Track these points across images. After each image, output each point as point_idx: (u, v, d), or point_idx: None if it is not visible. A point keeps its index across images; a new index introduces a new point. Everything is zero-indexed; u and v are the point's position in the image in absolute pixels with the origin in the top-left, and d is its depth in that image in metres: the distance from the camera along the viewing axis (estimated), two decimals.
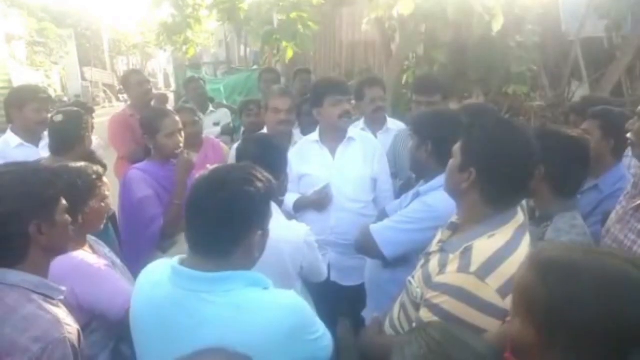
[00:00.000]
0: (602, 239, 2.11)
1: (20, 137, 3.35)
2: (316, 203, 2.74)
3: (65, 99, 16.82)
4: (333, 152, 2.85)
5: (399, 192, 2.86)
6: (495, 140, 1.49)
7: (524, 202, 1.98)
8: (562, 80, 5.40)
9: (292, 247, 1.98)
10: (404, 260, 2.15)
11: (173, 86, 18.91)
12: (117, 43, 29.28)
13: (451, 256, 1.48)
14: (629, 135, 2.12)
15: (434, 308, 1.43)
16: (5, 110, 3.60)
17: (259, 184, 1.39)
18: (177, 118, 2.75)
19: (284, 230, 2.00)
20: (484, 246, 1.44)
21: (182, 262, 1.39)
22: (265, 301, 1.36)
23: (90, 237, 2.13)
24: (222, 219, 1.33)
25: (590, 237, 1.89)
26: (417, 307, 1.55)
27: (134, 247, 2.58)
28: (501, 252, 1.42)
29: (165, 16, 5.58)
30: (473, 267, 1.39)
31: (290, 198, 2.74)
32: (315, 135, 2.92)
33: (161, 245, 2.50)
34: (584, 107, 2.98)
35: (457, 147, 1.58)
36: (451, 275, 1.43)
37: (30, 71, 16.57)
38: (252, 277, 1.39)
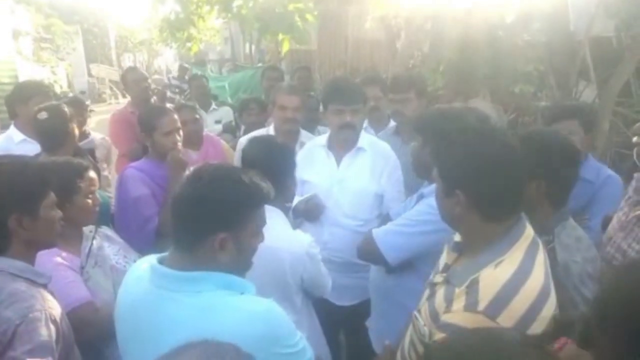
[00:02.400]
0: (604, 247, 2.05)
1: (23, 133, 3.33)
2: (306, 213, 2.58)
3: (71, 95, 16.86)
4: (339, 160, 2.65)
5: None
6: (470, 154, 1.38)
7: None
8: (569, 80, 5.31)
9: (292, 258, 1.91)
10: (409, 266, 2.06)
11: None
12: (124, 40, 29.32)
13: (457, 290, 1.36)
14: (635, 139, 2.06)
15: None
16: (10, 105, 3.59)
17: (241, 187, 1.34)
18: (176, 116, 2.71)
19: (286, 240, 1.93)
20: (491, 278, 1.31)
21: (161, 259, 1.39)
22: (234, 306, 1.30)
23: (106, 233, 2.17)
24: (189, 210, 1.33)
25: (593, 245, 1.79)
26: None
27: (130, 246, 2.53)
28: (511, 284, 1.29)
29: (169, 12, 5.57)
30: (481, 305, 1.27)
31: None
32: (323, 139, 2.74)
33: (160, 244, 2.44)
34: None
35: (435, 174, 1.48)
36: (458, 315, 1.30)
37: (37, 67, 16.60)
38: (226, 280, 1.34)
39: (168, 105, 3.74)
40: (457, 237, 1.58)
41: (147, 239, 2.51)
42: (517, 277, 1.31)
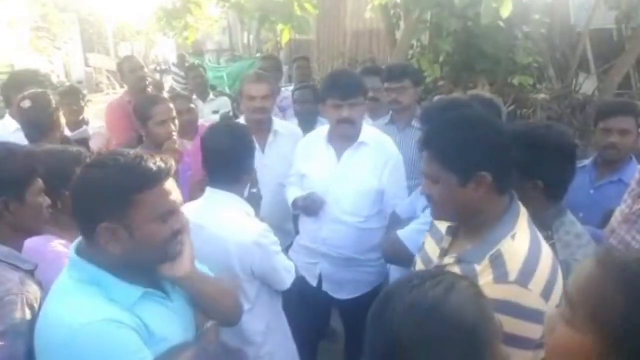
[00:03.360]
0: (606, 240, 2.03)
1: (18, 122, 3.30)
2: (304, 209, 2.54)
3: (68, 84, 16.75)
4: (340, 154, 2.56)
5: None
6: (478, 134, 1.40)
7: None
8: (569, 72, 5.29)
9: (239, 248, 1.84)
10: None
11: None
12: (121, 29, 29.13)
13: (478, 267, 1.36)
14: None
15: None
16: (5, 94, 3.56)
17: (109, 173, 1.24)
18: (171, 106, 2.68)
19: (231, 228, 1.86)
20: (514, 250, 1.34)
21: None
22: (66, 304, 1.23)
23: None
24: (73, 198, 1.29)
25: (593, 241, 1.76)
26: None
27: None
28: (532, 253, 1.35)
29: (166, 1, 5.51)
30: (512, 276, 1.30)
31: (291, 194, 2.61)
32: (324, 132, 2.65)
33: None
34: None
35: (436, 170, 1.42)
36: (489, 288, 1.26)
37: (34, 57, 16.47)
38: (96, 276, 1.26)
39: (165, 94, 3.72)
40: (441, 224, 1.59)
41: None
42: (535, 247, 1.37)
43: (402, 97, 3.10)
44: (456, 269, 1.42)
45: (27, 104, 2.70)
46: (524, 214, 1.44)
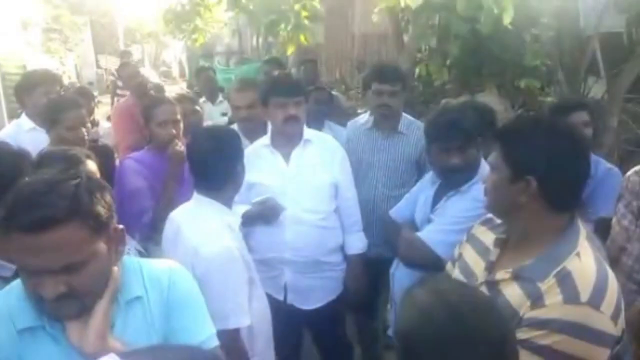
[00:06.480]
0: (620, 258, 2.00)
1: (33, 121, 3.36)
2: (262, 217, 2.47)
3: (78, 85, 16.88)
4: (287, 157, 2.57)
5: None
6: (551, 141, 1.36)
7: None
8: (578, 75, 5.25)
9: (194, 259, 1.88)
10: None
11: (186, 75, 18.95)
12: (132, 31, 29.34)
13: (541, 285, 1.30)
14: None
15: (543, 350, 1.24)
16: (18, 95, 3.63)
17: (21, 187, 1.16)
18: (174, 108, 2.69)
19: (197, 238, 1.89)
20: (583, 269, 1.30)
21: None
22: None
23: None
24: None
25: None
26: None
27: None
28: (601, 274, 1.30)
29: (174, 4, 5.55)
30: (584, 296, 1.24)
31: (238, 210, 2.43)
32: (266, 139, 2.65)
33: (154, 237, 2.43)
34: None
35: (497, 159, 1.43)
36: (559, 309, 1.25)
37: (45, 58, 16.60)
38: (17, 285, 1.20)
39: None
40: (483, 235, 1.56)
41: (142, 232, 2.49)
42: (602, 267, 1.31)
43: (393, 100, 2.89)
44: (513, 285, 1.36)
45: None
46: (584, 234, 1.38)
